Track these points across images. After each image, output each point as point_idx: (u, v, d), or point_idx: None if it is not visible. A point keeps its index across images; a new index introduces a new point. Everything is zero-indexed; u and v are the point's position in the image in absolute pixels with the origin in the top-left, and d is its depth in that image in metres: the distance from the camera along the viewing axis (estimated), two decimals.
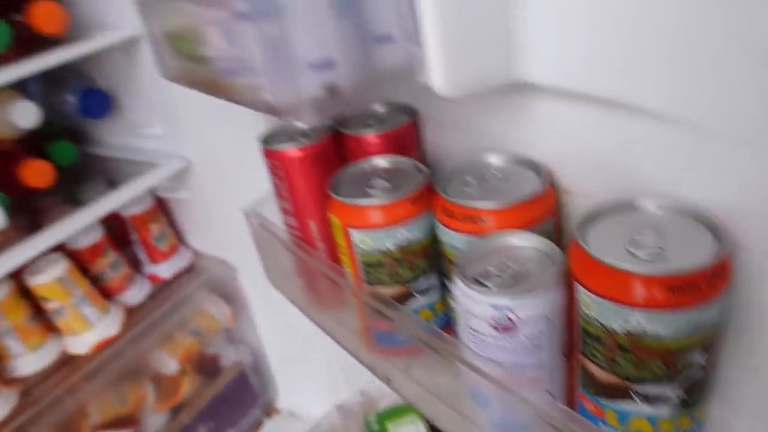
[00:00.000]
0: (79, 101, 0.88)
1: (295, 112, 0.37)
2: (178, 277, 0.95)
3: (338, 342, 0.58)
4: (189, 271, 0.97)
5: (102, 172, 0.96)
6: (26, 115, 0.83)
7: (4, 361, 0.83)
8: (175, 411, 0.96)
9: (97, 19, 0.84)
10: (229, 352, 1.01)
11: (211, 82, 0.47)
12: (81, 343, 0.85)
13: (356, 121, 0.56)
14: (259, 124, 0.72)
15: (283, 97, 0.37)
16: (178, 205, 0.96)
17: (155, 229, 0.92)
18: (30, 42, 0.78)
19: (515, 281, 0.39)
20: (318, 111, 0.37)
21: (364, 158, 0.53)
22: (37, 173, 0.82)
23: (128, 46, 0.82)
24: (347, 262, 0.51)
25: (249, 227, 0.66)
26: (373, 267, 0.49)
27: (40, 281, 0.80)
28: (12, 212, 0.75)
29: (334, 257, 0.55)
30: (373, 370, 0.54)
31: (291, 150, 0.54)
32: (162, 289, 0.94)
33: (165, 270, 0.95)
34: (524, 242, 0.42)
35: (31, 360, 0.83)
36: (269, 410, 1.08)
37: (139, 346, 0.87)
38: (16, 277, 0.82)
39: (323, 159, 0.55)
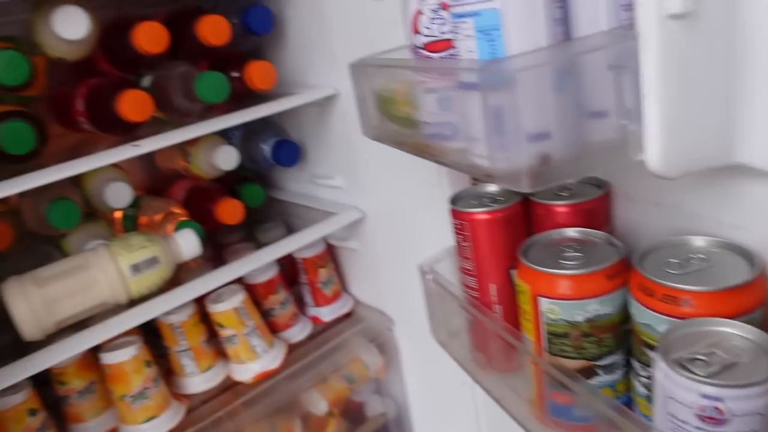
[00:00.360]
0: (272, 150, 0.97)
1: (511, 179, 0.39)
2: (338, 321, 1.00)
3: (504, 407, 0.57)
4: (348, 317, 1.01)
5: (281, 215, 1.05)
6: (228, 158, 0.93)
7: (177, 377, 0.91)
8: None
9: (296, 78, 0.94)
10: (375, 402, 1.02)
11: (418, 144, 0.50)
12: (246, 371, 0.90)
13: (547, 191, 0.57)
14: (440, 184, 0.75)
15: (500, 164, 0.39)
16: (347, 253, 1.02)
17: (323, 273, 0.98)
18: (239, 95, 0.88)
19: (727, 371, 0.37)
20: (535, 180, 0.39)
21: (554, 228, 0.54)
22: (230, 211, 0.91)
23: (324, 103, 0.90)
24: (530, 329, 0.51)
25: (422, 282, 0.68)
26: (558, 337, 0.48)
27: (219, 309, 0.87)
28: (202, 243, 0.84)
29: (510, 322, 0.55)
30: None
31: (480, 213, 0.56)
32: (321, 331, 0.98)
33: (326, 313, 1.00)
34: (735, 330, 0.40)
35: (199, 380, 0.90)
36: None
37: (294, 383, 0.91)
38: (199, 302, 0.90)
39: (511, 225, 0.56)
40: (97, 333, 0.75)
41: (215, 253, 1.00)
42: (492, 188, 0.59)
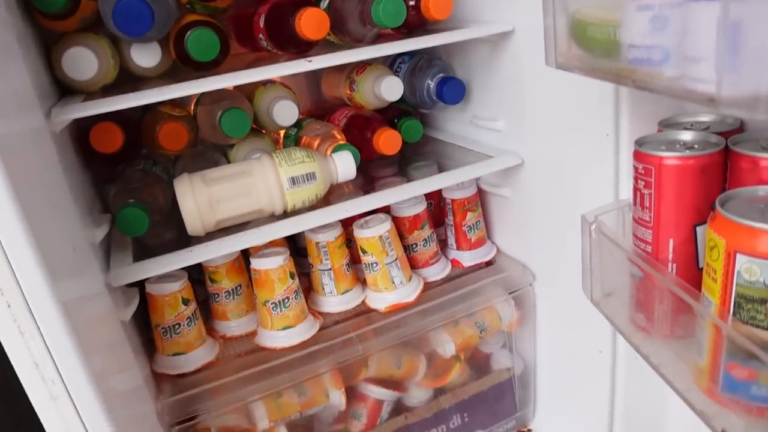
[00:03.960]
0: (436, 86, 0.95)
1: (744, 105, 0.34)
2: (478, 268, 0.98)
3: (663, 376, 0.52)
4: (488, 265, 0.98)
5: (435, 155, 1.03)
6: (393, 90, 0.92)
7: (316, 294, 0.94)
8: (437, 392, 0.99)
9: (471, 13, 0.90)
10: (502, 356, 1.00)
11: (618, 69, 0.46)
12: (381, 300, 0.92)
13: (752, 141, 0.50)
14: (614, 134, 0.70)
15: (730, 88, 0.34)
16: (497, 201, 0.99)
17: (470, 217, 0.96)
18: (413, 25, 0.86)
19: None
20: None
21: (758, 184, 0.47)
22: (389, 141, 0.91)
23: (496, 40, 0.86)
24: (715, 290, 0.45)
25: (584, 233, 0.64)
26: (751, 303, 0.43)
27: (365, 234, 0.89)
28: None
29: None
30: (706, 419, 0.47)
31: (672, 157, 0.51)
32: (460, 274, 0.97)
33: (467, 258, 0.98)
34: None
35: (336, 301, 0.93)
36: (521, 427, 1.05)
37: (426, 321, 0.91)
38: (345, 227, 0.92)
39: (705, 175, 0.50)
40: (253, 236, 0.78)
41: (366, 184, 1.01)
42: (686, 136, 0.53)
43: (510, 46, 0.85)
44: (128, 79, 0.84)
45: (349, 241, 0.93)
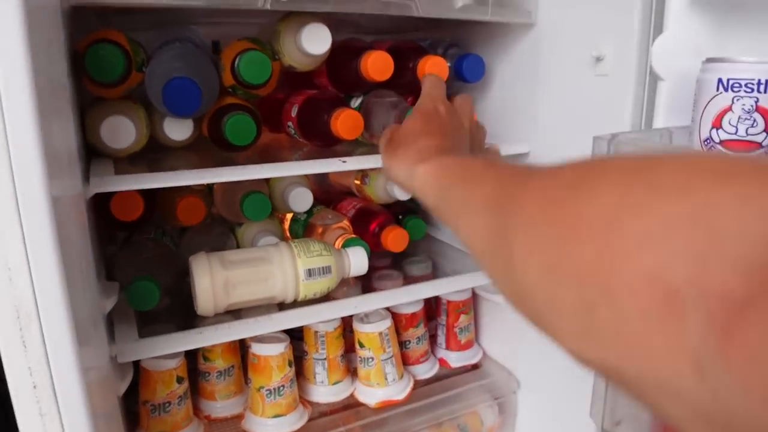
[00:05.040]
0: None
1: None
2: (464, 370, 1.00)
3: None
4: (474, 368, 1.01)
5: (429, 251, 1.07)
6: None
7: (306, 383, 0.93)
8: None
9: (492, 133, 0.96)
10: None
11: None
12: (372, 395, 0.92)
13: None
14: None
15: None
16: (488, 305, 1.03)
17: (463, 319, 0.99)
18: None
19: None
20: None
21: None
22: (397, 239, 0.94)
23: (511, 160, 0.92)
24: None
25: None
26: None
27: (366, 329, 0.90)
28: None
29: None
30: None
31: None
32: (447, 375, 0.99)
33: (455, 359, 1.01)
34: None
35: (326, 391, 0.93)
36: None
37: (411, 420, 0.92)
38: (346, 317, 0.93)
39: None
40: (264, 324, 0.78)
41: (364, 276, 1.04)
42: None
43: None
44: (153, 146, 0.85)
45: (345, 330, 0.94)
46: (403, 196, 0.96)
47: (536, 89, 0.88)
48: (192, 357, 0.88)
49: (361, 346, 0.91)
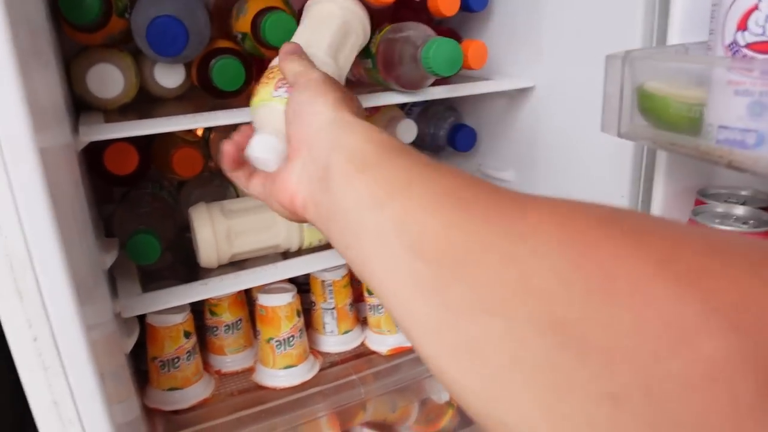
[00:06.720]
0: (448, 132, 0.97)
1: None
2: None
3: None
4: None
5: None
6: (408, 132, 0.93)
7: (316, 333, 0.92)
8: None
9: (492, 64, 0.92)
10: None
11: (710, 149, 0.48)
12: (382, 342, 0.91)
13: None
14: (630, 198, 0.73)
15: None
16: None
17: None
18: None
19: None
20: None
21: None
22: None
23: (515, 94, 0.89)
24: None
25: None
26: None
27: None
28: None
29: None
30: None
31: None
32: None
33: None
34: None
35: (336, 341, 0.92)
36: None
37: (424, 366, 0.91)
38: None
39: None
40: (269, 273, 0.76)
41: None
42: (738, 210, 0.57)
43: (529, 101, 0.87)
44: (144, 98, 0.81)
45: (353, 278, 0.92)
46: (407, 139, 0.92)
47: (540, 11, 0.83)
48: (199, 314, 0.86)
49: (370, 293, 0.89)
